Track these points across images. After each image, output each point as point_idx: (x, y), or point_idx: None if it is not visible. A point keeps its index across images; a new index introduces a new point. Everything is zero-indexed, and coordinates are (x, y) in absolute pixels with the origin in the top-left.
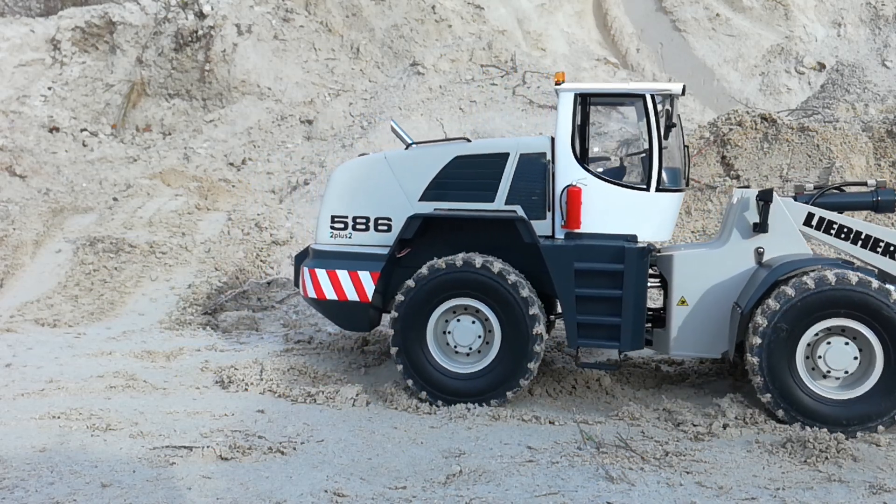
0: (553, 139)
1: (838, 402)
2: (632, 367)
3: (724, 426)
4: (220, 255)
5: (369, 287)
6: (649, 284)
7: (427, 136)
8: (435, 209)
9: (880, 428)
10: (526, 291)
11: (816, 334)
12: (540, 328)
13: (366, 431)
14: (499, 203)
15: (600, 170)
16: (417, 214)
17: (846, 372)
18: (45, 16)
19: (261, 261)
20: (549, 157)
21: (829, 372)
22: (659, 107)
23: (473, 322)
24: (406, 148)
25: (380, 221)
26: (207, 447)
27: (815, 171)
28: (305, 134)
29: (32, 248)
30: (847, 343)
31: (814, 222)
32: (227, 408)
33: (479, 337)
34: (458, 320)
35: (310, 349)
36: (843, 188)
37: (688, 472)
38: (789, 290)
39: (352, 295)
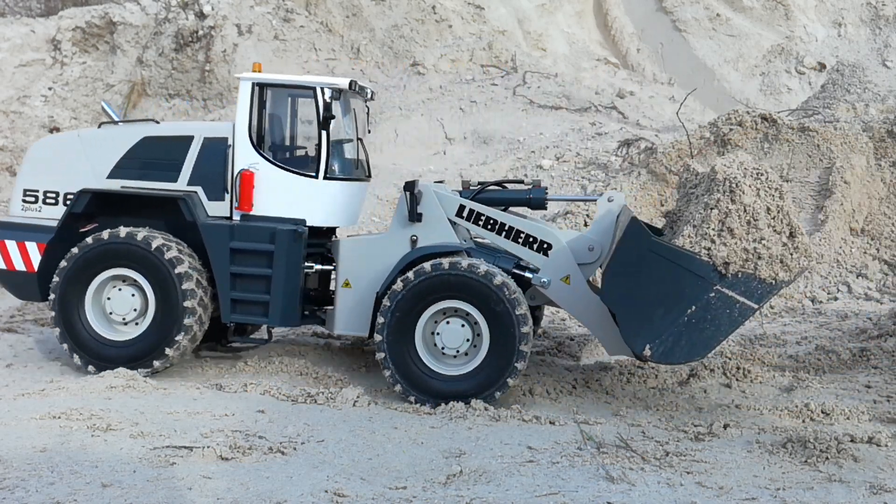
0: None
1: (455, 377)
2: (632, 367)
3: (725, 426)
4: None
5: (35, 257)
6: (326, 267)
7: (428, 137)
8: (122, 186)
9: (497, 394)
10: (185, 267)
11: (444, 312)
12: (190, 287)
13: (366, 432)
14: (182, 183)
15: (274, 156)
16: (86, 189)
17: (458, 350)
18: (46, 16)
19: None
20: (230, 142)
21: (444, 349)
22: (328, 99)
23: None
24: (98, 126)
25: (69, 196)
26: (208, 447)
27: (816, 171)
28: None
29: None
30: (462, 324)
31: (465, 214)
32: (228, 408)
33: (135, 311)
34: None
35: (310, 349)
36: (505, 185)
37: (688, 473)
38: (410, 275)
39: (19, 265)
